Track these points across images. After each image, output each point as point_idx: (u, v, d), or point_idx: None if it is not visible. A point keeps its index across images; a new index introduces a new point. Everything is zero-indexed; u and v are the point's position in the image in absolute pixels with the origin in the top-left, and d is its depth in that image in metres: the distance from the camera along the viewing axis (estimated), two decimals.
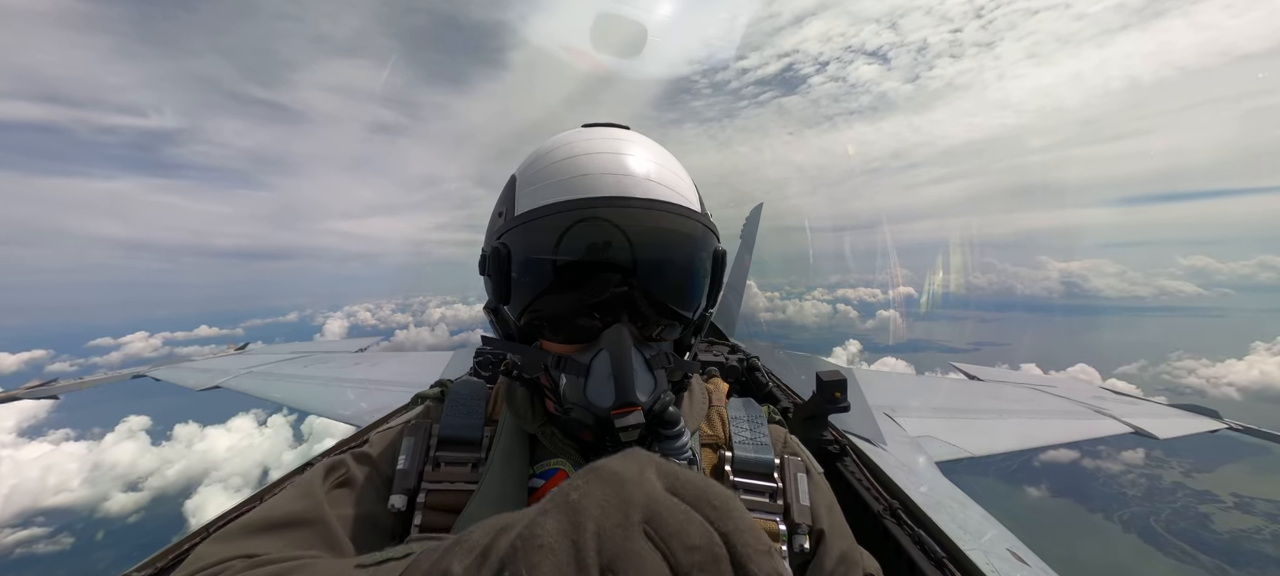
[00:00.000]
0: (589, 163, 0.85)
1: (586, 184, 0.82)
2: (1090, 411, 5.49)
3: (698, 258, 0.89)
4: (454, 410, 0.96)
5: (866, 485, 1.84)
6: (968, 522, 1.65)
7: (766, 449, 0.94)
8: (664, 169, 0.88)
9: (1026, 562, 1.55)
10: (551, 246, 0.82)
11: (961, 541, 1.49)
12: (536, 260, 0.84)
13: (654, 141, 0.95)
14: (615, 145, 0.88)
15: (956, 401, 5.54)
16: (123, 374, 5.42)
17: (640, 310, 0.83)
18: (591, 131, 0.93)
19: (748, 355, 3.42)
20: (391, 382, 4.69)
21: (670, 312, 0.87)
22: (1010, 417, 5.24)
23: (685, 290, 0.89)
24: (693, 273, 0.89)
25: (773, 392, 2.91)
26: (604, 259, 0.81)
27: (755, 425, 0.99)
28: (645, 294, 0.83)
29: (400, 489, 0.86)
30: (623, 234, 0.81)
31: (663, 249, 0.85)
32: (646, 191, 0.83)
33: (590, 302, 0.82)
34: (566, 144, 0.89)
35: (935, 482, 2.09)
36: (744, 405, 1.05)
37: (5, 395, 4.49)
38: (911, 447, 3.61)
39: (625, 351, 0.77)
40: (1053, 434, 4.88)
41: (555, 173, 0.85)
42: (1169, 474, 61.98)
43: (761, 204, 9.29)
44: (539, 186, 0.85)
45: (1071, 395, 6.12)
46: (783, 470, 0.93)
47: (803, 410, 2.15)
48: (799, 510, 0.89)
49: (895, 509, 1.67)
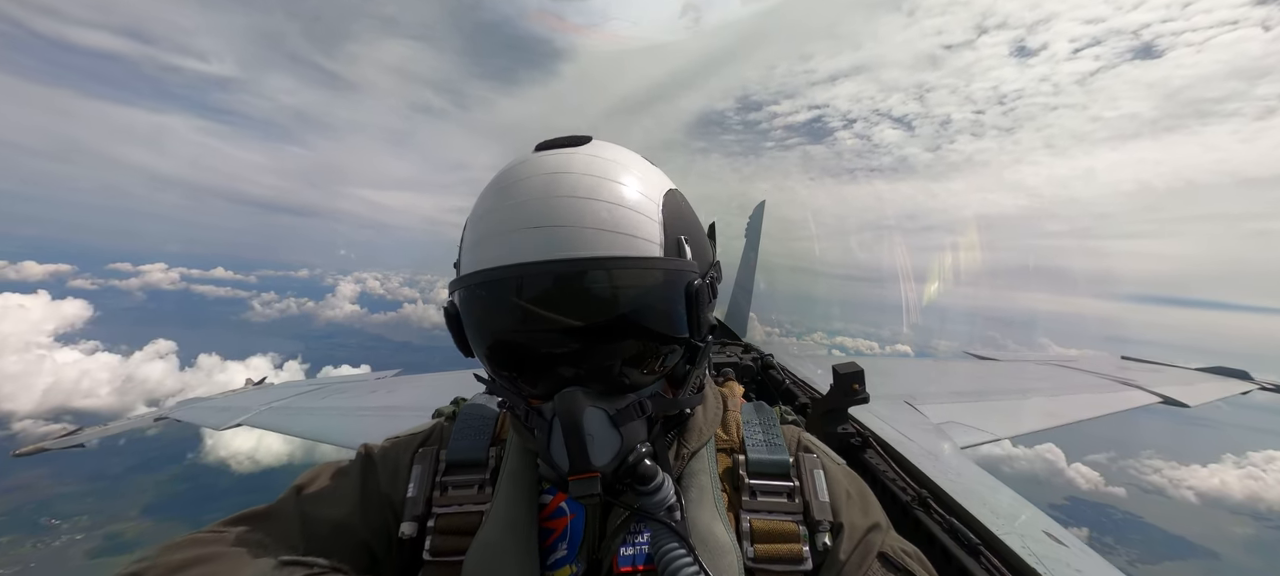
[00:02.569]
0: (518, 215, 0.77)
1: (512, 245, 0.76)
2: (1115, 383, 5.38)
3: (655, 303, 0.80)
4: (461, 433, 0.97)
5: (893, 476, 1.81)
6: (999, 506, 1.61)
7: (780, 449, 0.94)
8: (614, 208, 0.77)
9: (1064, 543, 1.51)
10: (482, 322, 0.83)
11: (995, 526, 1.46)
12: (475, 330, 0.84)
13: (613, 157, 0.84)
14: (551, 185, 0.78)
15: (977, 384, 5.45)
16: (147, 416, 5.50)
17: (600, 364, 0.80)
18: (533, 161, 0.84)
19: (762, 354, 3.40)
20: (409, 408, 4.73)
21: (636, 361, 0.82)
22: (1033, 396, 5.14)
23: (648, 337, 0.82)
24: (651, 320, 0.81)
25: (789, 389, 2.88)
26: (541, 328, 0.77)
27: (768, 427, 0.99)
28: (596, 348, 0.79)
29: (410, 516, 0.88)
30: (557, 302, 0.76)
31: (608, 309, 0.77)
32: (583, 246, 0.74)
33: (538, 367, 0.81)
34: (502, 187, 0.83)
35: (963, 468, 2.06)
36: (756, 409, 1.04)
37: (35, 448, 4.56)
38: (935, 434, 3.56)
39: (576, 419, 0.74)
40: (1079, 409, 4.78)
41: (484, 224, 0.81)
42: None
43: (764, 201, 9.25)
44: (473, 239, 0.83)
45: (1095, 369, 6.00)
46: (798, 468, 0.93)
47: (821, 405, 2.13)
48: (818, 507, 0.88)
49: (924, 497, 1.64)
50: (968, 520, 1.51)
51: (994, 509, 1.56)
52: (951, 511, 1.56)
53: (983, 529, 1.46)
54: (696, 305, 0.82)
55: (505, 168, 0.87)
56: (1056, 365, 6.44)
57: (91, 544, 48.97)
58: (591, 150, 0.85)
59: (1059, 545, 1.49)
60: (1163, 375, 5.74)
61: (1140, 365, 6.24)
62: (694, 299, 0.82)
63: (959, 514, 1.54)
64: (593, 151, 0.85)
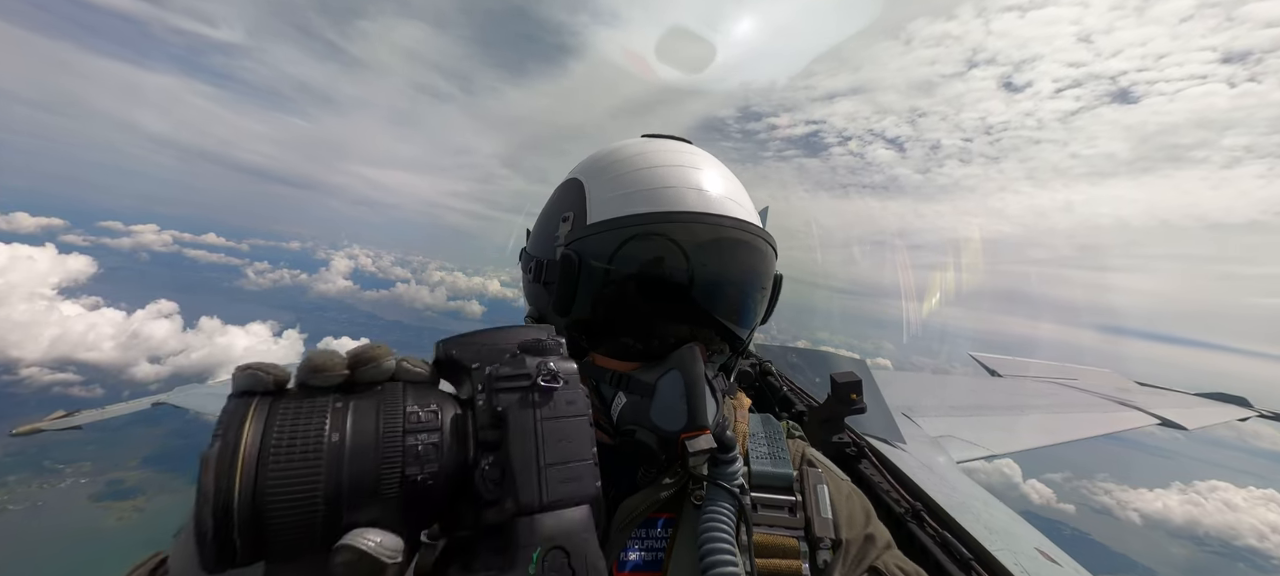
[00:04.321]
0: (669, 175, 0.83)
1: (670, 197, 0.80)
2: (1114, 404, 5.37)
3: (765, 280, 0.88)
4: None
5: (887, 487, 1.80)
6: (993, 522, 1.60)
7: (785, 463, 0.91)
8: (738, 188, 0.87)
9: (1057, 562, 1.51)
10: (635, 259, 0.80)
11: (988, 542, 1.45)
12: (614, 271, 0.80)
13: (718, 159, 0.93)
14: (691, 159, 0.86)
15: (975, 398, 5.44)
16: (144, 402, 5.49)
17: (707, 330, 0.83)
18: (662, 143, 0.91)
19: (760, 359, 3.40)
20: None
21: (730, 334, 0.86)
22: (1031, 413, 5.13)
23: (750, 312, 0.88)
24: (760, 295, 0.88)
25: (786, 396, 2.88)
26: (685, 275, 0.79)
27: (774, 440, 0.97)
28: (715, 313, 0.82)
29: None
30: (706, 252, 0.79)
31: (738, 270, 0.83)
32: (726, 209, 0.81)
33: (664, 318, 0.80)
34: (640, 153, 0.87)
35: (958, 482, 2.05)
36: (763, 422, 1.02)
37: (31, 428, 4.57)
38: (931, 447, 3.54)
39: (699, 373, 0.75)
40: (1077, 428, 4.77)
41: (634, 182, 0.83)
42: None
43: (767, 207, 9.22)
44: (616, 194, 0.83)
45: (1095, 388, 5.98)
46: (802, 483, 0.91)
47: (818, 413, 2.12)
48: (820, 523, 0.85)
49: (918, 510, 1.63)
50: (961, 535, 1.50)
51: (988, 524, 1.56)
52: (945, 525, 1.55)
53: (976, 544, 1.46)
54: (777, 293, 0.91)
55: (629, 143, 0.92)
56: (1056, 382, 6.42)
57: (94, 488, 51.34)
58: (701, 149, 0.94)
59: (1052, 564, 1.48)
60: (1163, 398, 5.72)
61: (1141, 388, 6.23)
62: (777, 286, 0.91)
63: (952, 528, 1.54)
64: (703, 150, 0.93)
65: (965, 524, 1.52)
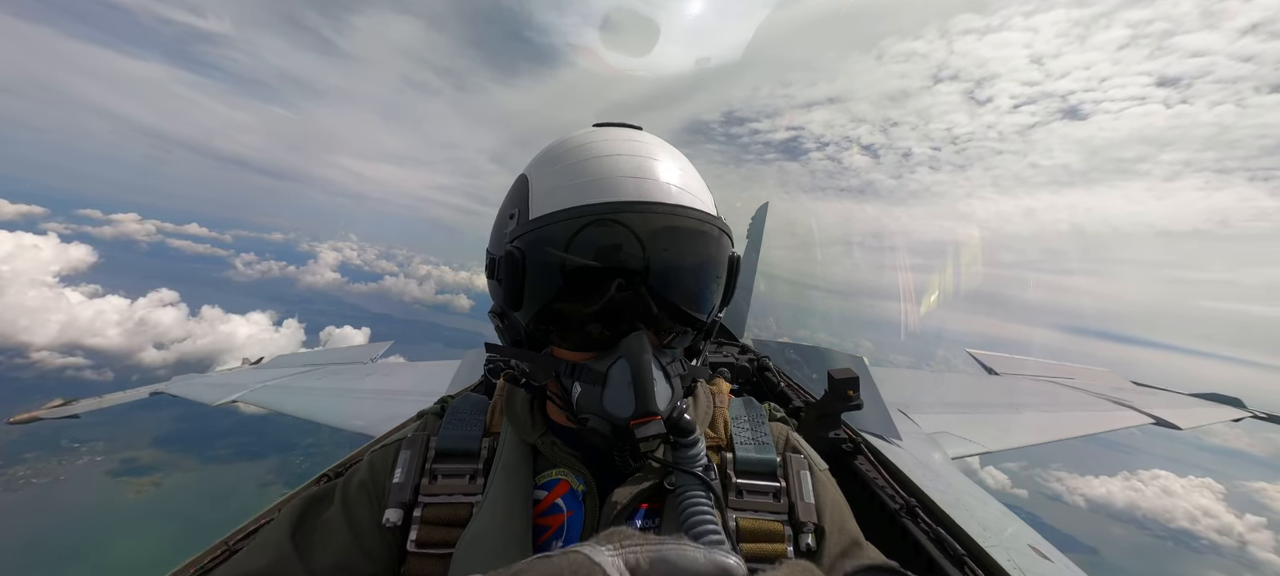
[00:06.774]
0: (610, 165, 0.83)
1: (608, 188, 0.80)
2: (1109, 403, 5.40)
3: (715, 263, 0.88)
4: (452, 422, 0.95)
5: (882, 483, 1.82)
6: (987, 519, 1.62)
7: (768, 448, 0.93)
8: (685, 173, 0.87)
9: (1050, 559, 1.52)
10: (570, 252, 0.80)
11: (982, 538, 1.46)
12: (554, 265, 0.81)
13: (669, 144, 0.93)
14: (635, 148, 0.87)
15: (971, 396, 5.47)
16: (142, 392, 5.51)
17: (657, 317, 0.82)
18: (608, 131, 0.91)
19: (758, 355, 3.41)
20: (404, 393, 4.72)
21: (686, 318, 0.86)
22: (1027, 411, 5.16)
23: (702, 296, 0.88)
24: (710, 279, 0.88)
25: (784, 392, 2.89)
26: (623, 265, 0.80)
27: (756, 424, 0.98)
28: (662, 300, 0.82)
29: (395, 503, 0.84)
30: (643, 240, 0.79)
31: (683, 255, 0.84)
32: (668, 196, 0.82)
33: (609, 309, 0.80)
34: (583, 144, 0.87)
35: (952, 479, 2.06)
36: (745, 405, 1.04)
37: (29, 417, 4.59)
38: (927, 444, 3.56)
39: (646, 360, 0.76)
40: (1071, 427, 4.80)
41: (574, 174, 0.83)
42: None
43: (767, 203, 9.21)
44: (557, 188, 0.83)
45: (1090, 387, 6.01)
46: (785, 468, 0.92)
47: (815, 409, 2.13)
48: (803, 508, 0.87)
49: (912, 506, 1.65)
50: (954, 530, 1.52)
51: (981, 521, 1.57)
52: (939, 521, 1.57)
53: (969, 540, 1.47)
54: (733, 275, 0.91)
55: (575, 134, 0.91)
56: (1052, 381, 6.45)
57: (111, 465, 53.92)
58: (652, 135, 0.93)
59: (1044, 560, 1.50)
60: (1158, 398, 5.76)
61: (1136, 388, 6.26)
62: (733, 268, 0.90)
63: (946, 524, 1.55)
64: (653, 136, 0.93)
65: (959, 520, 1.53)
